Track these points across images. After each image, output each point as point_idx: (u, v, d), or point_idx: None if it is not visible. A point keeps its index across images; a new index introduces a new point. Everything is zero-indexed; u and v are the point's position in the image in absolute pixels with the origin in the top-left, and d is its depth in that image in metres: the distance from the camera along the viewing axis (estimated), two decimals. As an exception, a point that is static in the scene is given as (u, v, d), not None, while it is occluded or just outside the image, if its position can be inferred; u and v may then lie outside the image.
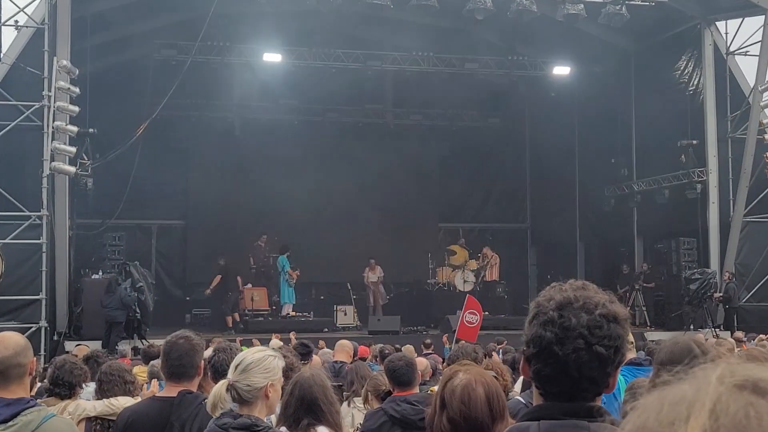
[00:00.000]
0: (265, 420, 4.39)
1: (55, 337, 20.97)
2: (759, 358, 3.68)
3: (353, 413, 8.10)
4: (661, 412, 0.90)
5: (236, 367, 4.33)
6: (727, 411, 0.86)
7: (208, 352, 12.05)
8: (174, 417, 4.79)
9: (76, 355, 10.80)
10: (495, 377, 3.87)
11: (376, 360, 12.08)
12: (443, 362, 12.82)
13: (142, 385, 8.56)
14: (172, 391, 4.97)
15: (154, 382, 7.67)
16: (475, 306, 18.80)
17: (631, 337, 7.29)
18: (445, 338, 19.97)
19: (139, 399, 7.02)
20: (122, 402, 6.42)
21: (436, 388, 4.09)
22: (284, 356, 5.17)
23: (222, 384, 4.27)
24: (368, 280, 28.22)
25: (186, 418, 4.77)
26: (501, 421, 3.39)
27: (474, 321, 18.45)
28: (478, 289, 27.37)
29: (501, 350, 14.83)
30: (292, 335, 18.99)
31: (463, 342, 9.73)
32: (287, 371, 6.79)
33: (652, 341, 13.33)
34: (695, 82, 25.17)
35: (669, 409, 0.90)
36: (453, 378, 3.49)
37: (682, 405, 0.89)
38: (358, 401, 8.05)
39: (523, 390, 7.33)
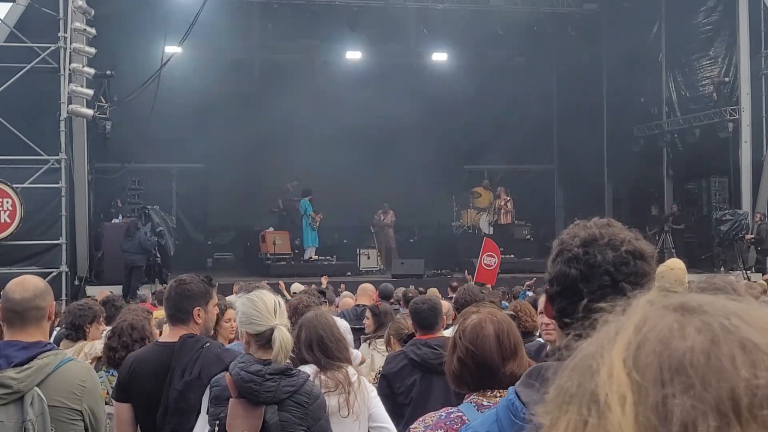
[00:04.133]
0: None
1: (76, 282, 21.16)
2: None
3: (373, 355, 8.14)
4: (596, 337, 0.96)
5: (276, 312, 4.33)
6: (653, 326, 0.91)
7: (232, 298, 12.10)
8: (175, 361, 4.84)
9: (96, 299, 10.92)
10: (513, 316, 3.84)
11: (400, 303, 12.12)
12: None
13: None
14: (174, 335, 5.03)
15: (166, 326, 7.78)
16: (493, 248, 18.79)
17: (685, 277, 7.10)
18: (467, 274, 19.79)
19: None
20: None
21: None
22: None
23: (284, 330, 4.26)
24: (381, 222, 28.18)
25: (186, 362, 4.81)
26: (513, 360, 3.34)
27: (492, 264, 18.45)
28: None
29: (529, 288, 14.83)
30: (324, 279, 18.76)
31: (468, 284, 9.67)
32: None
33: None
34: (729, 16, 24.73)
35: (602, 332, 0.96)
36: (466, 319, 3.47)
37: (613, 326, 0.95)
38: (380, 343, 8.07)
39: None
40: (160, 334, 8.40)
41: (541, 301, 2.78)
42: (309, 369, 4.94)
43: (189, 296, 5.04)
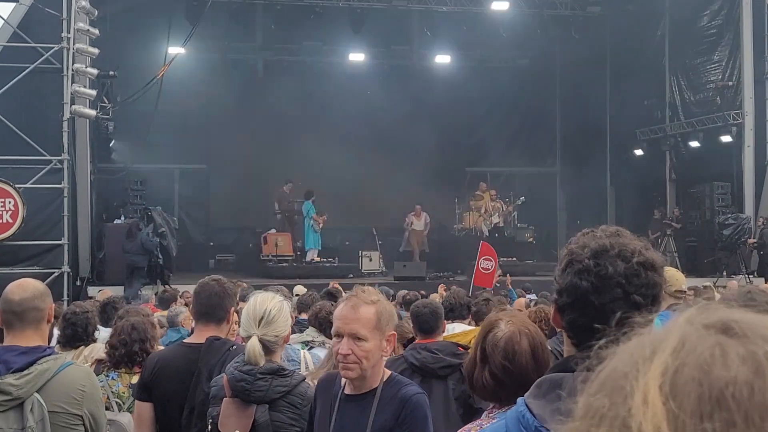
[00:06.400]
0: None
1: (78, 282, 21.11)
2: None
3: None
4: (629, 354, 0.91)
5: (260, 321, 4.30)
6: (693, 349, 0.86)
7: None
8: (202, 363, 4.82)
9: (98, 300, 10.88)
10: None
11: (401, 306, 12.07)
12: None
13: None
14: (200, 336, 5.00)
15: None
16: (490, 252, 18.74)
17: (684, 286, 7.17)
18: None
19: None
20: None
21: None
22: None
23: (254, 340, 4.24)
24: (412, 226, 27.98)
25: (214, 363, 4.78)
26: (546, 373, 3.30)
27: (489, 267, 18.39)
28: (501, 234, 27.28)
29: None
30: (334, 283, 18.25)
31: (455, 287, 9.50)
32: None
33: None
34: (733, 21, 24.69)
35: (636, 349, 0.90)
36: (494, 329, 3.35)
37: (649, 345, 0.90)
38: None
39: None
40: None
41: (550, 311, 2.73)
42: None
43: (230, 295, 5.06)
